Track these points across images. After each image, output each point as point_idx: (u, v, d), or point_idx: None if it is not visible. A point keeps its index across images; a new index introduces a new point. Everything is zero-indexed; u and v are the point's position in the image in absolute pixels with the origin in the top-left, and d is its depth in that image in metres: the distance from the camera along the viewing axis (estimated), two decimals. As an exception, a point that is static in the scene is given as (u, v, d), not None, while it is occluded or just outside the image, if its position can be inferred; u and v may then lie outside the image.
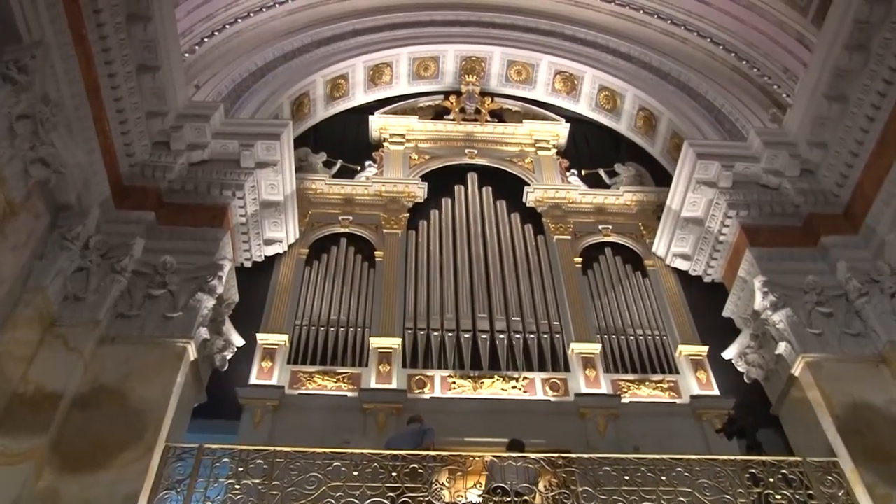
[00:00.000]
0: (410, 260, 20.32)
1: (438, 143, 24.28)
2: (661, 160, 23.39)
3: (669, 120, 22.52)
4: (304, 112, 23.44)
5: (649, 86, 23.42)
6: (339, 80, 24.19)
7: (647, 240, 21.23)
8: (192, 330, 14.89)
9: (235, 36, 22.33)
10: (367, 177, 22.64)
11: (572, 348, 18.19)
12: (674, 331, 18.87)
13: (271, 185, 18.95)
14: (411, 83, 25.71)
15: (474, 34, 25.45)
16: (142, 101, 16.86)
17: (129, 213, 16.26)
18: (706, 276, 19.75)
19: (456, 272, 19.93)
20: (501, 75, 25.76)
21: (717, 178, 18.90)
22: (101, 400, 13.37)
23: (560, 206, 22.12)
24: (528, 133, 24.53)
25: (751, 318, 17.07)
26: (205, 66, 21.03)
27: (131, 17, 15.90)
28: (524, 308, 19.07)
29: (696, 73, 22.95)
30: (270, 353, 17.66)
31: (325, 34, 24.02)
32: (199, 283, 15.55)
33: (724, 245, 18.84)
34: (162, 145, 17.70)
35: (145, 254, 15.69)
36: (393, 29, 24.96)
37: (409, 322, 18.53)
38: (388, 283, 19.47)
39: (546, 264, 20.53)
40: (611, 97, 24.47)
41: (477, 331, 18.30)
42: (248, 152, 18.27)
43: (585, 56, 24.64)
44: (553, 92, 25.55)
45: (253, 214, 18.85)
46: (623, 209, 22.23)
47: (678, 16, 23.68)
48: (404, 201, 21.83)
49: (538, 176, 23.23)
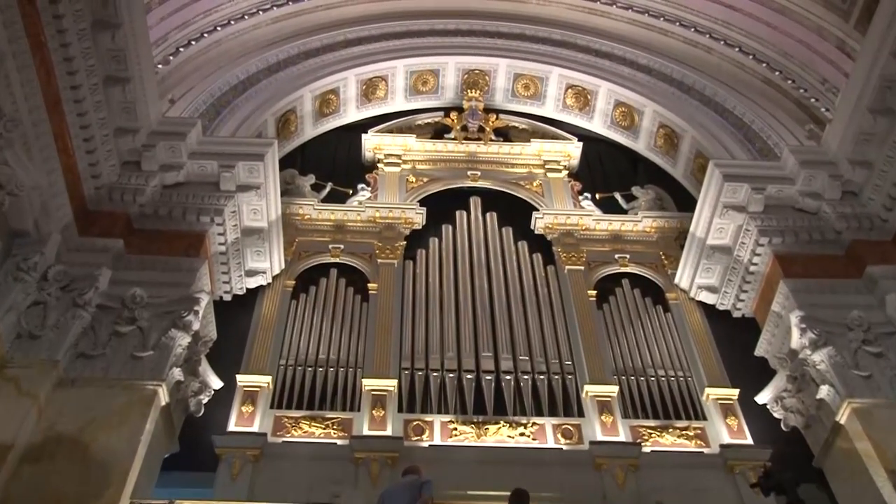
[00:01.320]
0: (407, 293, 20.10)
1: (438, 164, 24.19)
2: (683, 182, 23.30)
3: (693, 138, 22.40)
4: (290, 130, 23.35)
5: (670, 100, 23.36)
6: (329, 94, 24.12)
7: (668, 270, 21.04)
8: (164, 371, 14.65)
9: (214, 46, 22.33)
10: (359, 201, 22.52)
11: (586, 391, 17.91)
12: (700, 372, 18.57)
13: (254, 211, 18.84)
14: (408, 98, 25.68)
15: (478, 45, 25.50)
16: (109, 116, 16.76)
17: (95, 241, 16.08)
18: (735, 310, 19.54)
19: (457, 306, 19.71)
20: (507, 90, 25.74)
21: (747, 201, 18.78)
22: (57, 451, 12.98)
23: (572, 233, 21.96)
24: (536, 153, 24.42)
25: (787, 358, 16.82)
26: (180, 78, 20.99)
27: (97, 23, 15.79)
28: (533, 346, 18.79)
29: (722, 86, 22.91)
30: (252, 397, 17.34)
31: (314, 45, 24.07)
32: (172, 319, 15.40)
33: (756, 276, 18.66)
34: (132, 166, 17.61)
35: (112, 286, 15.52)
36: (388, 39, 25.03)
37: (406, 361, 18.26)
38: (383, 319, 19.25)
39: (557, 297, 20.31)
40: (628, 113, 24.37)
41: (481, 371, 18.04)
42: (228, 174, 18.17)
43: (600, 68, 24.66)
44: (564, 108, 25.51)
45: (233, 242, 18.67)
46: (642, 236, 22.04)
47: (703, 23, 23.68)
48: (401, 228, 21.68)
49: (548, 200, 23.09)
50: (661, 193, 23.30)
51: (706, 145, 21.73)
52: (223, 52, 22.44)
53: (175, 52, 20.97)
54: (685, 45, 24.08)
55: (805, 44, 21.22)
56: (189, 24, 21.36)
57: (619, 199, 23.31)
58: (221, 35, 22.49)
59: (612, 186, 23.79)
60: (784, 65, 22.05)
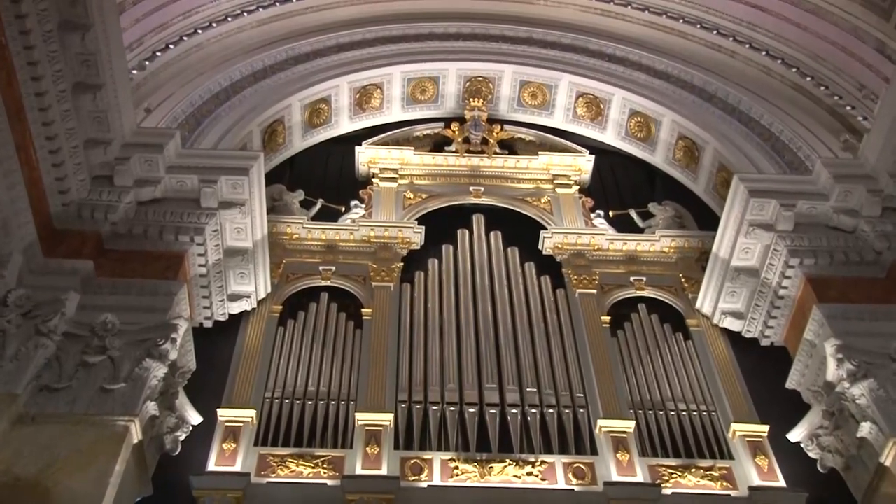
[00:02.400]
0: (404, 318, 19.85)
1: (438, 179, 24.04)
2: (705, 198, 23.14)
3: (715, 150, 22.24)
4: (277, 142, 23.29)
5: (691, 109, 23.25)
6: (320, 104, 24.07)
7: (689, 294, 20.78)
8: (138, 405, 14.33)
9: (195, 50, 22.26)
10: (352, 219, 22.33)
11: (600, 426, 17.59)
12: (725, 406, 18.24)
13: (238, 230, 18.67)
14: (406, 108, 25.62)
15: (481, 49, 25.44)
16: (79, 126, 16.53)
17: (62, 263, 15.81)
18: (763, 338, 19.25)
19: (459, 334, 19.46)
20: (513, 98, 25.67)
21: (776, 219, 18.56)
22: (14, 497, 12.65)
23: (583, 253, 21.75)
24: (544, 167, 24.24)
25: (823, 392, 16.44)
26: (157, 85, 20.88)
27: (65, 24, 15.53)
28: (541, 377, 18.49)
29: (748, 93, 22.73)
30: (234, 433, 17.02)
31: (304, 49, 24.02)
32: (146, 348, 15.11)
33: (786, 301, 18.41)
34: (104, 180, 17.35)
35: (80, 312, 15.22)
36: (384, 44, 24.99)
37: (403, 394, 17.99)
38: (378, 347, 19.00)
39: (567, 324, 20.04)
40: (644, 124, 24.27)
41: (484, 404, 17.75)
42: (209, 189, 18.01)
43: (614, 75, 24.56)
44: (575, 118, 25.44)
45: (215, 264, 18.45)
46: (660, 257, 21.82)
47: (726, 25, 23.56)
48: (397, 248, 21.49)
49: (557, 218, 22.91)
50: (680, 211, 23.10)
51: (730, 158, 21.56)
52: (204, 57, 22.36)
53: (151, 56, 20.87)
54: (707, 49, 24.01)
55: (840, 46, 21.11)
56: (167, 27, 21.24)
57: (634, 217, 23.09)
58: (202, 38, 22.41)
59: (627, 203, 23.63)
60: (816, 69, 21.94)
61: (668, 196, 23.65)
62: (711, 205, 22.72)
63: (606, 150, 25.09)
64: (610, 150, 25.14)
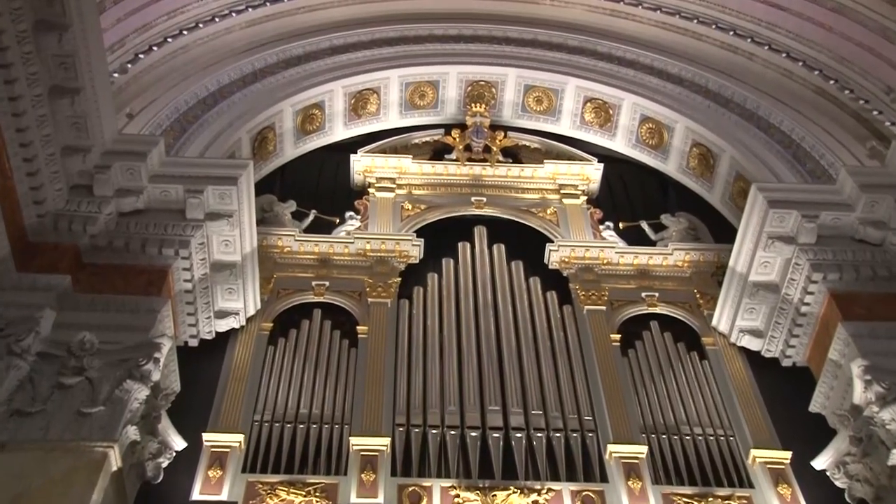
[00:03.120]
0: (402, 337, 19.66)
1: (438, 189, 23.94)
2: (721, 209, 23.05)
3: (732, 158, 22.12)
4: (268, 150, 23.22)
5: (706, 115, 23.14)
6: (313, 109, 23.99)
7: (704, 311, 20.59)
8: (117, 430, 14.15)
9: (180, 52, 22.21)
10: (347, 231, 22.19)
11: (610, 451, 17.38)
12: (744, 430, 18.00)
13: (225, 242, 18.52)
14: (403, 114, 25.58)
15: (483, 52, 25.36)
16: (56, 133, 16.42)
17: (36, 278, 15.70)
18: (785, 358, 19.05)
19: (460, 353, 19.28)
20: (517, 104, 25.59)
21: (797, 231, 18.40)
22: None
23: (592, 268, 21.57)
24: (550, 176, 24.12)
25: (849, 416, 16.25)
26: (140, 89, 20.83)
27: (41, 24, 15.43)
28: (547, 399, 18.32)
29: (767, 97, 22.67)
30: (220, 459, 16.80)
31: (296, 52, 24.00)
32: (127, 368, 14.95)
33: (809, 318, 18.21)
34: (82, 190, 17.24)
35: (57, 330, 15.04)
36: (380, 46, 24.94)
37: (401, 417, 17.80)
38: (374, 367, 18.81)
39: (575, 342, 19.86)
40: (656, 130, 24.19)
41: (487, 428, 17.56)
42: (195, 200, 17.86)
43: (624, 79, 24.47)
44: (582, 124, 25.38)
45: (201, 279, 18.28)
46: (673, 272, 21.65)
47: (743, 25, 23.48)
48: (395, 263, 21.34)
49: (564, 230, 22.76)
50: (694, 222, 22.98)
51: (747, 166, 21.49)
52: (190, 59, 22.29)
53: (133, 59, 20.80)
54: (723, 51, 23.96)
55: (866, 47, 21.02)
56: (150, 27, 21.17)
57: (646, 229, 22.98)
58: (188, 40, 22.35)
59: (638, 214, 23.54)
60: (841, 72, 21.85)
61: (681, 207, 23.54)
62: (728, 216, 22.61)
63: (616, 158, 25.00)
64: (620, 159, 25.06)
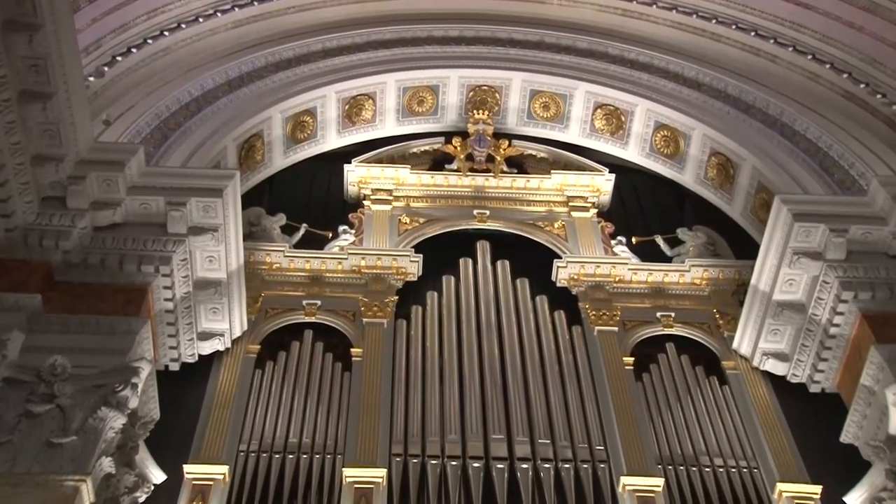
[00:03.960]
0: (399, 360, 19.54)
1: (438, 201, 23.90)
2: (742, 223, 22.95)
3: (753, 168, 22.01)
4: (255, 159, 23.18)
5: (725, 122, 23.10)
6: (304, 116, 23.94)
7: (725, 333, 20.46)
8: (90, 462, 13.90)
9: (161, 55, 22.18)
10: (340, 247, 22.13)
11: (623, 484, 17.21)
12: (769, 462, 17.82)
13: (210, 259, 18.40)
14: (401, 121, 25.57)
15: (486, 55, 25.40)
16: (26, 140, 16.27)
17: (3, 297, 15.53)
18: (813, 383, 18.85)
19: (461, 377, 19.16)
20: (522, 110, 25.58)
21: (825, 246, 18.21)
22: None
23: (603, 286, 21.47)
24: (558, 188, 24.08)
25: (885, 447, 15.99)
26: (118, 94, 20.76)
27: (10, 24, 15.33)
28: (555, 427, 18.16)
29: (791, 102, 22.60)
30: (203, 493, 16.66)
31: (285, 54, 24.04)
32: (102, 395, 14.72)
33: (839, 341, 18.01)
34: (54, 202, 17.10)
35: (25, 354, 14.87)
36: (376, 48, 24.96)
37: (398, 446, 17.65)
38: (369, 392, 18.70)
39: (584, 366, 19.71)
40: (671, 138, 24.14)
41: (491, 458, 17.41)
42: (177, 213, 17.72)
43: (637, 83, 24.47)
44: (592, 132, 25.33)
45: (183, 298, 18.16)
46: (690, 290, 21.58)
47: (766, 25, 23.40)
48: (392, 280, 21.25)
49: (572, 245, 22.69)
50: (713, 237, 22.90)
51: (770, 177, 21.39)
52: (172, 62, 22.26)
53: (111, 61, 20.76)
54: (744, 53, 23.89)
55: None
56: (128, 28, 21.15)
57: (661, 244, 22.92)
58: (169, 41, 22.32)
59: (653, 228, 23.48)
60: (872, 75, 21.76)
61: (699, 220, 23.46)
62: (749, 230, 22.51)
63: (628, 168, 24.99)
64: (633, 169, 25.04)
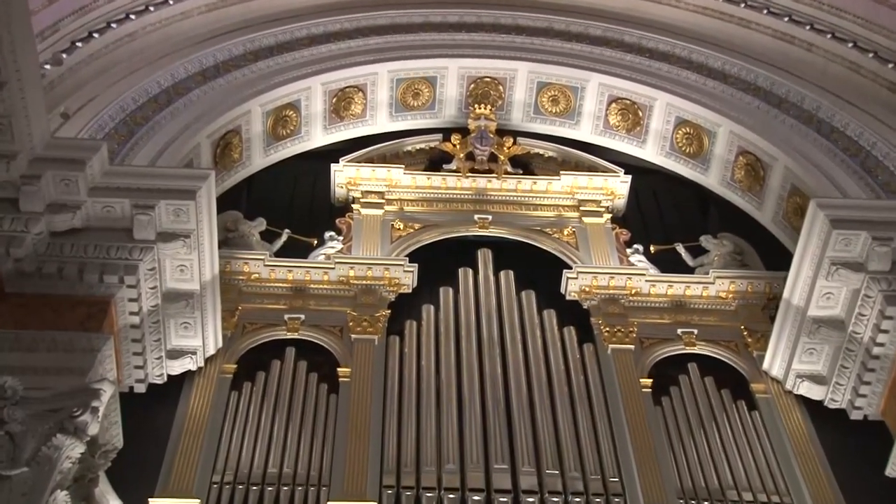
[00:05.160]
0: (392, 381, 19.31)
1: (435, 205, 23.77)
2: (773, 230, 22.78)
3: (786, 168, 21.81)
4: (232, 158, 23.04)
5: (754, 118, 22.89)
6: (287, 110, 23.82)
7: (754, 352, 20.17)
8: (44, 496, 13.62)
9: (127, 40, 21.99)
10: (326, 255, 22.00)
11: None
12: (804, 496, 17.54)
13: (181, 268, 18.19)
14: (394, 116, 25.53)
15: (489, 43, 25.32)
16: None
17: None
18: (854, 409, 18.51)
19: (460, 400, 18.94)
20: (529, 104, 25.49)
21: (866, 256, 17.92)
22: None
23: (617, 299, 21.28)
24: (568, 190, 23.91)
25: None
26: (77, 84, 20.55)
27: None
28: (565, 456, 17.89)
29: (829, 96, 22.40)
30: None
31: (266, 42, 23.92)
32: (58, 420, 14.43)
33: (883, 362, 17.72)
34: (6, 204, 16.81)
35: None
36: (367, 35, 24.88)
37: (390, 477, 17.41)
38: (358, 417, 18.47)
39: (597, 388, 19.50)
40: (694, 136, 23.96)
41: (493, 491, 17.17)
42: (145, 217, 17.44)
43: (656, 75, 24.36)
44: (606, 129, 25.23)
45: (151, 312, 17.89)
46: (715, 304, 21.36)
47: (801, 10, 23.30)
48: (383, 292, 21.06)
49: (584, 254, 22.50)
50: (741, 245, 22.71)
51: (805, 178, 21.16)
52: (138, 49, 22.06)
53: (69, 47, 20.53)
54: (776, 41, 23.71)
55: None
56: (89, 10, 20.97)
57: (682, 254, 22.71)
58: (136, 26, 22.12)
59: (674, 236, 23.29)
60: None
61: (725, 227, 23.32)
62: (781, 238, 22.34)
63: (646, 168, 24.88)
64: (651, 170, 24.95)
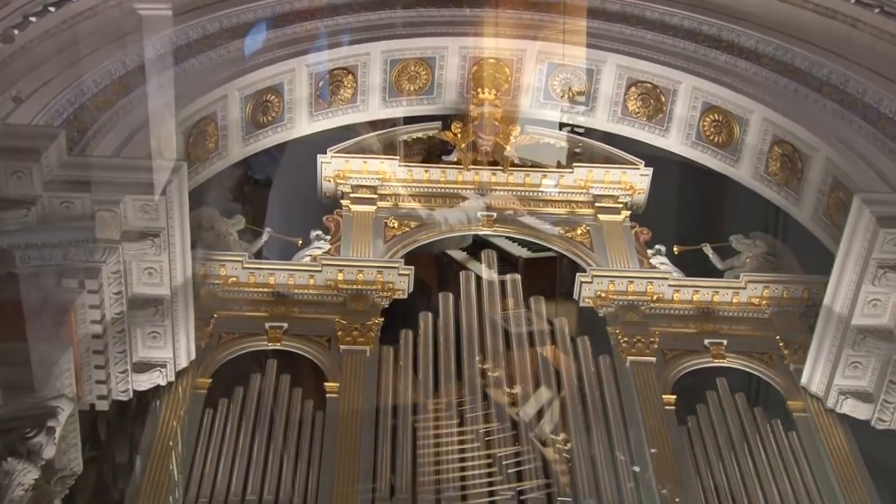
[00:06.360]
0: (385, 396, 19.19)
1: (433, 200, 23.62)
2: (812, 228, 22.24)
3: (827, 160, 21.31)
4: (207, 148, 22.60)
5: (792, 103, 22.42)
6: (269, 95, 23.40)
7: (790, 366, 20.02)
8: None
9: (88, 15, 21.37)
10: (312, 256, 21.85)
11: None
12: None
13: (149, 271, 18.02)
14: (388, 101, 25.16)
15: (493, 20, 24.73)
16: None
17: None
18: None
19: (462, 416, 18.76)
20: (538, 89, 25.13)
21: None
22: None
23: (637, 306, 21.22)
24: (582, 184, 23.82)
25: None
26: (31, 65, 20.07)
27: None
28: (578, 481, 17.70)
29: (876, 78, 21.80)
30: None
31: (244, 17, 23.30)
32: (9, 442, 14.42)
33: None
34: None
35: None
36: (357, 11, 24.36)
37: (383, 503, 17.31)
38: (347, 436, 18.40)
39: (615, 404, 19.37)
40: (724, 123, 23.51)
41: None
42: (108, 214, 17.18)
43: (681, 55, 23.88)
44: (624, 115, 24.84)
45: (115, 320, 17.62)
46: (747, 311, 21.21)
47: None
48: (376, 298, 20.99)
49: (599, 256, 22.41)
50: (775, 246, 22.57)
51: (849, 171, 20.61)
52: (100, 26, 21.46)
53: (22, 22, 19.99)
54: (816, 16, 23.05)
55: None
56: None
57: (710, 255, 22.58)
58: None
59: (700, 235, 23.06)
60: None
61: (758, 226, 23.11)
62: (822, 237, 21.80)
63: (670, 160, 24.57)
64: (675, 161, 24.61)
